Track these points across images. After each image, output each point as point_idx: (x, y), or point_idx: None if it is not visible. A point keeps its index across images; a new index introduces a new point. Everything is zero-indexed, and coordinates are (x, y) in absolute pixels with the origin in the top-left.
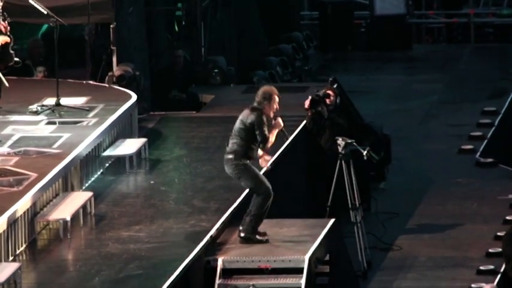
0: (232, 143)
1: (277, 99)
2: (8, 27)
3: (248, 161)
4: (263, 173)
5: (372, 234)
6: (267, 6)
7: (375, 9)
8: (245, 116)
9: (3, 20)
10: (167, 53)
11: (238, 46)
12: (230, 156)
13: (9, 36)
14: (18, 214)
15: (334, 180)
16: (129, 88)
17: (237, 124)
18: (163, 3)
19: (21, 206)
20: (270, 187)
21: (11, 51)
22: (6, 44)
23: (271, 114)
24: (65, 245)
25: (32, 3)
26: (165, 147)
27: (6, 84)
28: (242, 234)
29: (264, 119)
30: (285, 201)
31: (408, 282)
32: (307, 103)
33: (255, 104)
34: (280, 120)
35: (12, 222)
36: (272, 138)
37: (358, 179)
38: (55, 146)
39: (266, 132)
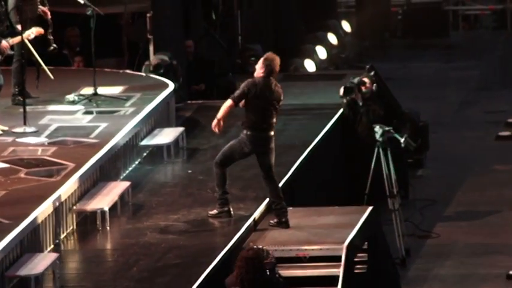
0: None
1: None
2: (49, 13)
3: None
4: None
5: (410, 221)
6: None
7: None
8: None
9: (43, 6)
10: (204, 42)
11: (275, 34)
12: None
13: (47, 22)
14: (57, 204)
15: (372, 167)
16: (166, 77)
17: None
18: None
19: (59, 196)
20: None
21: (50, 37)
22: (45, 30)
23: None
24: (103, 235)
25: None
26: (203, 136)
27: (51, 77)
28: None
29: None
30: (323, 189)
31: (446, 270)
32: (341, 91)
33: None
34: None
35: (50, 213)
36: None
37: (395, 166)
38: (92, 135)
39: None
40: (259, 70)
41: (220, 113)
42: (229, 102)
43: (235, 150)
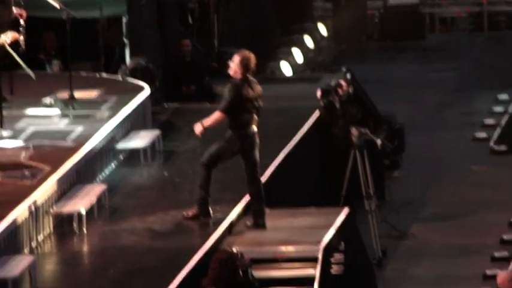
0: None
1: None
2: (25, 14)
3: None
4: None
5: (386, 222)
6: None
7: None
8: None
9: (19, 8)
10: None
11: (251, 37)
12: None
13: (22, 26)
14: (33, 207)
15: (349, 169)
16: (142, 80)
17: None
18: None
19: (36, 199)
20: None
21: (21, 38)
22: (18, 31)
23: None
24: (79, 238)
25: None
26: (179, 139)
27: (33, 76)
28: None
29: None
30: (300, 191)
31: (423, 270)
32: (318, 93)
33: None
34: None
35: (27, 215)
36: None
37: (372, 167)
38: (69, 139)
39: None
40: (236, 70)
41: (207, 122)
42: (218, 115)
43: (224, 151)
